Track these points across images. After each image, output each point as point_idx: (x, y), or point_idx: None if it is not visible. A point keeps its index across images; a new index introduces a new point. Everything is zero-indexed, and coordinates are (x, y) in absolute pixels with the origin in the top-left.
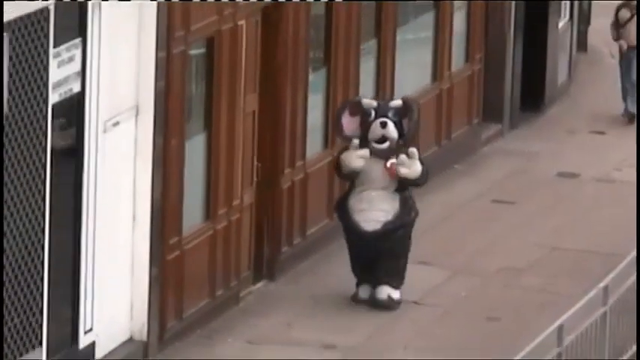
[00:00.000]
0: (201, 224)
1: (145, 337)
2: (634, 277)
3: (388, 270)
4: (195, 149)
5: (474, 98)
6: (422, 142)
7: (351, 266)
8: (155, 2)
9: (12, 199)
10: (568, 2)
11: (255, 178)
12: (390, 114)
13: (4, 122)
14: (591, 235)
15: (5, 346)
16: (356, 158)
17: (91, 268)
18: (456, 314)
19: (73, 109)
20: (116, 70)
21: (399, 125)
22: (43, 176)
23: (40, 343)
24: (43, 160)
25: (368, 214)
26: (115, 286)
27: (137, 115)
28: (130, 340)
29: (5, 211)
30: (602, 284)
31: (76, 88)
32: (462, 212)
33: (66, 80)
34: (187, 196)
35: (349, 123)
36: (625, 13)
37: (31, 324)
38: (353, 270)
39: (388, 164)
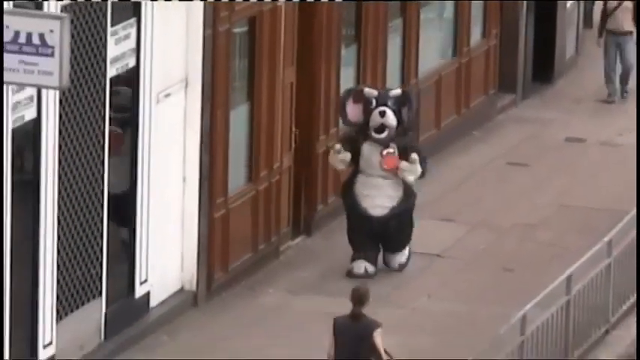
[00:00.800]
0: (245, 185)
1: (194, 288)
2: (635, 232)
3: (395, 248)
4: (238, 118)
5: (490, 71)
6: (443, 111)
7: (349, 242)
8: None
9: (74, 162)
10: None
11: (293, 144)
12: (389, 103)
13: (66, 94)
14: (596, 193)
15: (69, 296)
16: (338, 162)
17: (145, 226)
18: (475, 266)
19: (129, 82)
20: (167, 47)
21: (398, 114)
22: (102, 143)
23: (100, 294)
24: (102, 128)
25: (375, 200)
26: (167, 242)
27: (186, 87)
28: (181, 290)
29: (69, 173)
30: (606, 238)
31: (132, 63)
32: (479, 174)
33: (122, 56)
34: (232, 160)
35: (353, 109)
36: (612, 3)
37: (91, 276)
38: (352, 246)
39: (384, 152)
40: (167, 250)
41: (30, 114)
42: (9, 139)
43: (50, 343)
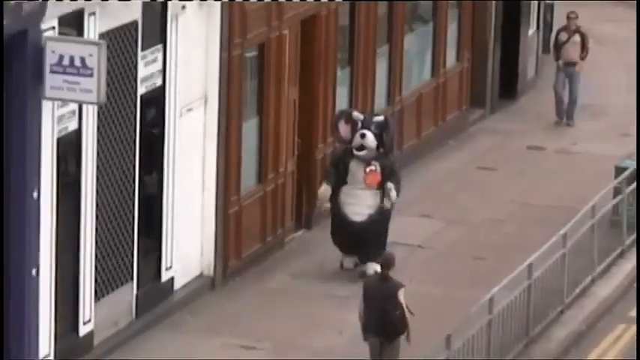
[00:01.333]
0: (255, 186)
1: (212, 273)
2: (586, 226)
3: (373, 251)
4: (250, 129)
5: (463, 89)
6: (424, 123)
7: (333, 243)
8: (219, 15)
9: (110, 167)
10: (535, 15)
11: (296, 151)
12: (372, 127)
13: (103, 108)
14: (554, 193)
15: (105, 280)
16: (323, 191)
17: (170, 221)
18: (450, 255)
19: (156, 99)
20: (189, 68)
21: (379, 137)
22: (133, 151)
23: (132, 278)
24: (133, 138)
25: (356, 207)
26: (189, 234)
27: (206, 103)
28: (201, 275)
29: (106, 176)
30: (562, 231)
31: (159, 82)
32: (454, 176)
33: (151, 76)
34: (244, 165)
35: (344, 129)
36: (563, 36)
37: (124, 263)
38: (337, 246)
39: (367, 170)
40: (189, 241)
41: (72, 125)
42: (54, 147)
43: (89, 320)
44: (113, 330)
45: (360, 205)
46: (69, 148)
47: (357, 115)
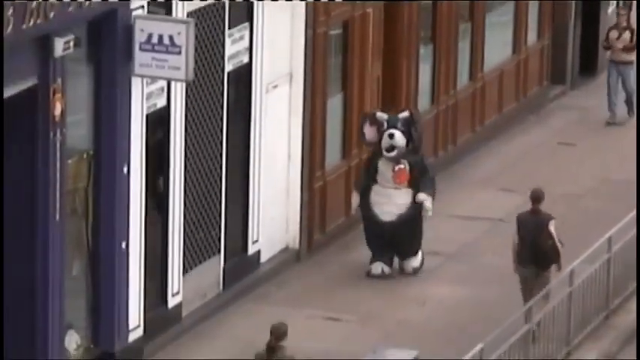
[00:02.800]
0: (339, 161)
1: (297, 246)
2: None
3: (406, 252)
4: (334, 105)
5: (543, 66)
6: (505, 99)
7: (367, 245)
8: None
9: (198, 142)
10: None
11: None
12: (398, 124)
13: (191, 85)
14: (633, 169)
15: (193, 253)
16: (353, 200)
17: (257, 195)
18: None
19: (242, 76)
20: (275, 46)
21: (407, 134)
22: (220, 127)
23: (219, 251)
24: (220, 115)
25: (386, 207)
26: (275, 208)
27: (291, 79)
28: (286, 248)
29: (193, 151)
30: None
31: (245, 59)
32: (534, 151)
33: (237, 54)
34: (329, 141)
35: (370, 131)
36: (613, 34)
37: (212, 237)
38: (370, 248)
39: (396, 168)
40: (275, 215)
41: (161, 102)
42: (144, 123)
43: (178, 292)
44: (201, 302)
45: (390, 204)
46: (158, 124)
47: (381, 115)
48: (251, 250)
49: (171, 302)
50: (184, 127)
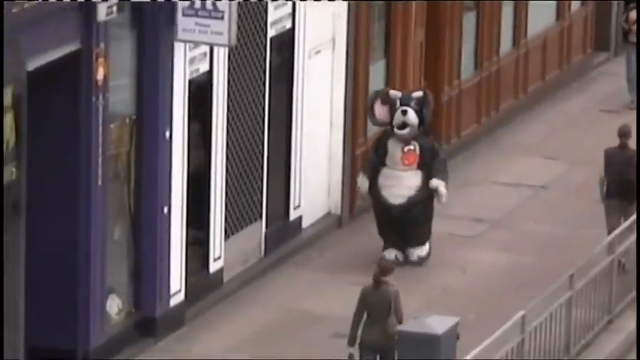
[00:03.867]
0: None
1: (339, 212)
2: None
3: (414, 236)
4: (377, 71)
5: (587, 32)
6: (548, 66)
7: (378, 233)
8: None
9: (240, 107)
10: None
11: None
12: (412, 103)
13: (233, 50)
14: None
15: (235, 218)
16: (360, 183)
17: (299, 161)
18: (573, 197)
19: (286, 41)
20: (318, 11)
21: (419, 113)
22: (263, 92)
23: (261, 217)
24: (262, 80)
25: (394, 189)
26: (316, 174)
27: (334, 45)
28: (328, 214)
29: (236, 117)
30: None
31: (288, 25)
32: (577, 119)
33: (280, 19)
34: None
35: (380, 110)
36: (633, 15)
37: (254, 202)
38: (380, 235)
39: (405, 149)
40: (317, 180)
41: (204, 67)
42: (186, 88)
43: (219, 257)
44: (242, 267)
45: (399, 186)
46: (200, 89)
47: (394, 93)
48: (293, 215)
49: (213, 267)
50: (227, 93)
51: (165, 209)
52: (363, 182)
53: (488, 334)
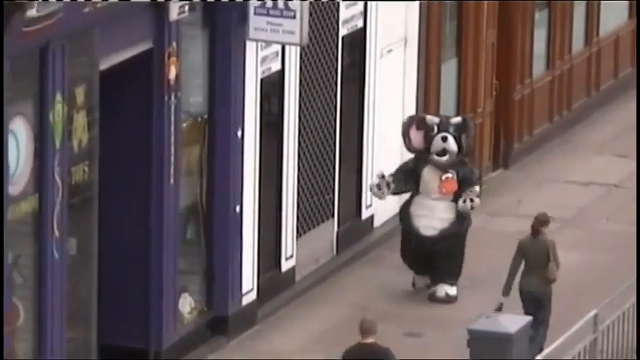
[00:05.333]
0: None
1: None
2: None
3: (445, 271)
4: (448, 70)
5: None
6: (620, 63)
7: (406, 263)
8: None
9: (312, 106)
10: None
11: (494, 92)
12: (450, 129)
13: (305, 49)
14: None
15: (307, 217)
16: (374, 192)
17: (371, 158)
18: None
19: (357, 40)
20: (390, 11)
21: (458, 140)
22: (334, 91)
23: (333, 215)
24: (334, 79)
25: (427, 220)
26: (388, 172)
27: (405, 44)
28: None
29: (307, 115)
30: None
31: (360, 23)
32: None
33: (352, 18)
34: (443, 104)
35: (416, 136)
36: None
37: (325, 201)
38: (409, 266)
39: (443, 177)
40: None
41: (275, 66)
42: (258, 87)
43: (291, 256)
44: (314, 266)
45: (432, 217)
46: (272, 88)
47: (431, 119)
48: (365, 214)
49: (285, 266)
50: (298, 92)
51: (237, 208)
52: (383, 193)
53: (561, 333)
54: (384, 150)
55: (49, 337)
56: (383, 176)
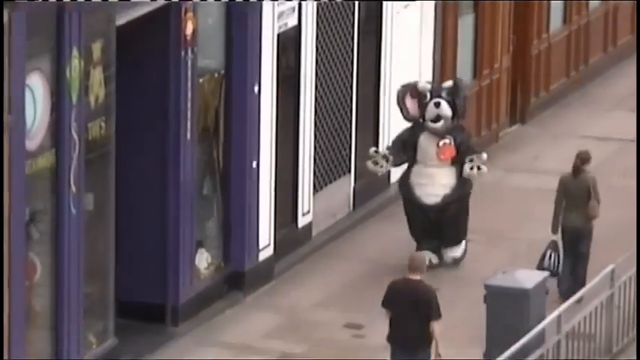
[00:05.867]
0: (470, 82)
1: None
2: None
3: (449, 237)
4: (465, 25)
5: None
6: (637, 19)
7: (410, 233)
8: None
9: (328, 63)
10: None
11: (510, 47)
12: (443, 94)
13: (322, 5)
14: None
15: (324, 172)
16: (372, 168)
17: (387, 113)
18: None
19: None
20: None
21: (452, 104)
22: (351, 46)
23: (349, 171)
24: (351, 34)
25: (428, 188)
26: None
27: None
28: None
29: (324, 70)
30: None
31: None
32: None
33: None
34: (460, 60)
35: (412, 104)
36: None
37: (342, 156)
38: (413, 236)
39: (441, 143)
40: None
41: (292, 21)
42: (275, 42)
43: (308, 211)
44: (331, 221)
45: (433, 185)
46: (289, 43)
47: (423, 86)
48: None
49: (302, 222)
50: (315, 47)
51: (254, 164)
52: (382, 169)
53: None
54: None
55: (66, 293)
56: (377, 151)
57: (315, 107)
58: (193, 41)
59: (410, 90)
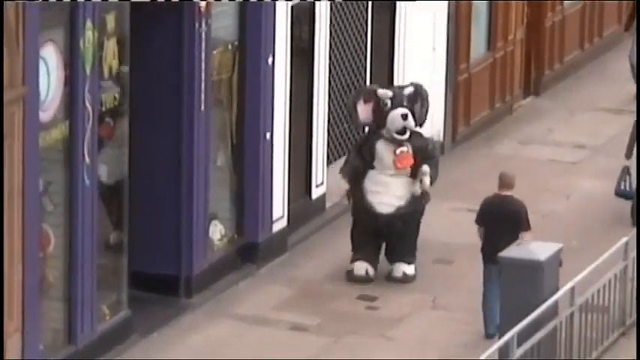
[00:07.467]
0: (484, 54)
1: (441, 139)
2: None
3: (401, 250)
4: None
5: None
6: None
7: (351, 242)
8: None
9: (342, 34)
10: None
11: (525, 19)
12: (405, 102)
13: None
14: None
15: (337, 144)
16: (344, 188)
17: (401, 84)
18: None
19: None
20: None
21: (412, 112)
22: (365, 18)
23: None
24: (365, 5)
25: (382, 196)
26: None
27: None
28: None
29: (338, 42)
30: None
31: None
32: None
33: None
34: (474, 32)
35: (363, 110)
36: None
37: (356, 128)
38: (353, 244)
39: (398, 151)
40: None
41: None
42: (289, 14)
43: (322, 183)
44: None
45: (387, 194)
46: (303, 15)
47: (383, 92)
48: None
49: (315, 193)
50: (329, 18)
51: (268, 135)
52: (345, 184)
53: (591, 260)
54: (415, 77)
55: (80, 264)
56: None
57: (329, 79)
58: (207, 13)
59: (364, 95)
